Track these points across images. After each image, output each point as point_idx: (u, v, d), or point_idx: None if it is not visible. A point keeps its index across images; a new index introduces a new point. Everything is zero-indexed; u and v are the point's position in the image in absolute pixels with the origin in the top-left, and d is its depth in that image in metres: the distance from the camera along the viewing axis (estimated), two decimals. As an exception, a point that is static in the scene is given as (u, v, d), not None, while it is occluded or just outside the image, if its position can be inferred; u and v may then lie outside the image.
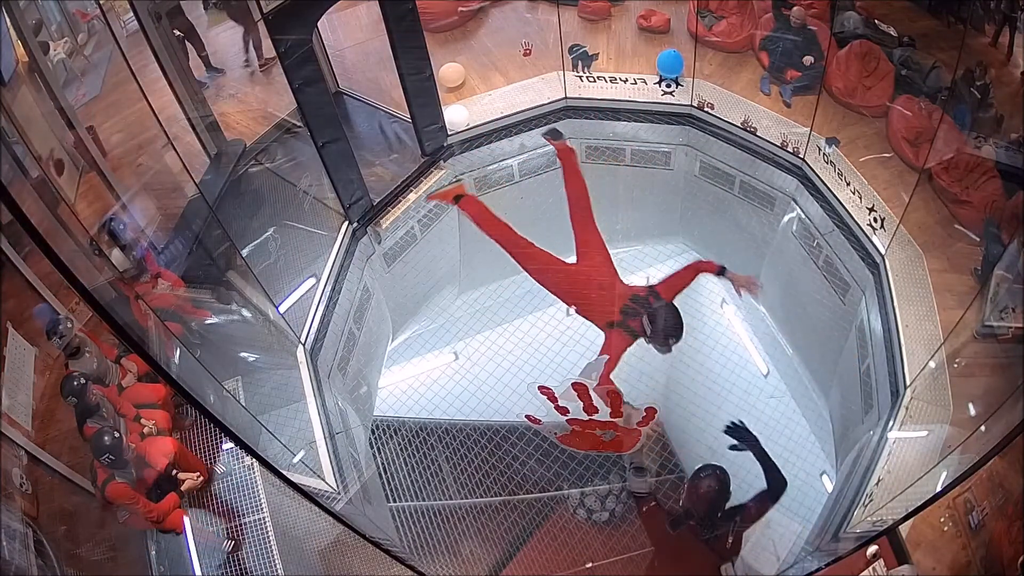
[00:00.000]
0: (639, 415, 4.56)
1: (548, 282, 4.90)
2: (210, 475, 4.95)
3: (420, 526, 5.86)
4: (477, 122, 6.96)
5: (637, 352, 7.12)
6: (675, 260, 7.69)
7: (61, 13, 5.78)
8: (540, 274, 4.88)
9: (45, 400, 4.94)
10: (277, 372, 5.56)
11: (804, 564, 4.90)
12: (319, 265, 6.03)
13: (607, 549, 5.96)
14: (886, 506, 4.48)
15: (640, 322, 4.44)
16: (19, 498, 4.24)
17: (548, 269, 4.77)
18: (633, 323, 4.45)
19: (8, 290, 4.93)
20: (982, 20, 5.82)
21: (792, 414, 6.84)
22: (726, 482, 4.18)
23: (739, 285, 4.82)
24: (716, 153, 6.88)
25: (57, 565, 4.18)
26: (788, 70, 6.75)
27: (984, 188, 5.57)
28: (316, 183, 6.27)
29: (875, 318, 5.65)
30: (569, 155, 5.65)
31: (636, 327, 4.46)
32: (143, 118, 5.10)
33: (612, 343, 4.46)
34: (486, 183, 7.13)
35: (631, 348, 4.51)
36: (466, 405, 6.76)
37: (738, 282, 4.80)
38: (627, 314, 4.47)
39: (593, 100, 7.10)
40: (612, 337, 4.47)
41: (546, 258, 4.77)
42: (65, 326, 4.82)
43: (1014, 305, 4.79)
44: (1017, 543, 3.89)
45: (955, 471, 3.88)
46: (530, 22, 7.77)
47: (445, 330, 7.42)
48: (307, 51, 5.38)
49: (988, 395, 4.39)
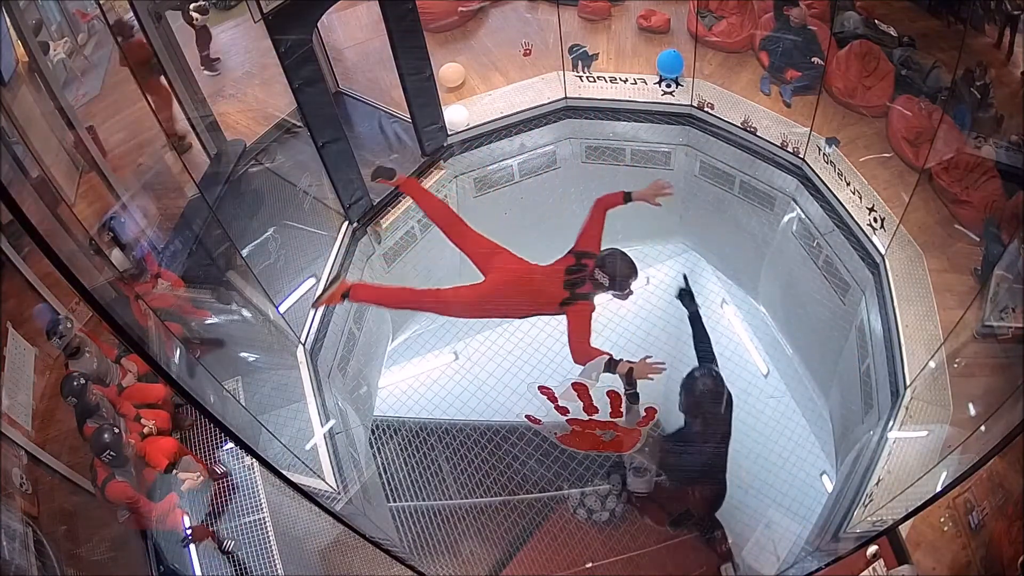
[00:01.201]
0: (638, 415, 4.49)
1: (480, 312, 4.73)
2: (226, 474, 4.94)
3: (420, 526, 5.86)
4: (477, 122, 6.96)
5: (637, 353, 7.14)
6: (675, 260, 7.70)
7: (61, 13, 5.77)
8: (467, 310, 4.71)
9: (45, 400, 4.93)
10: (277, 372, 5.56)
11: (804, 564, 4.91)
12: (319, 265, 6.03)
13: (607, 549, 5.96)
14: (886, 506, 4.48)
15: (590, 284, 4.30)
16: (19, 498, 4.24)
17: (469, 303, 4.55)
18: (583, 289, 4.31)
19: (8, 290, 4.93)
20: (982, 20, 5.82)
21: (792, 414, 6.84)
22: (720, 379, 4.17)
23: (651, 199, 4.63)
24: (716, 153, 6.88)
25: (57, 565, 4.18)
26: (788, 70, 6.75)
27: (984, 188, 5.57)
28: (316, 183, 6.27)
29: (875, 318, 5.65)
30: (410, 185, 5.53)
31: (589, 289, 4.31)
32: (143, 118, 5.10)
33: (573, 318, 4.28)
34: (486, 183, 7.13)
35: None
36: (466, 405, 6.76)
37: (648, 198, 4.62)
38: (573, 285, 4.32)
39: (593, 100, 7.10)
40: (571, 313, 4.29)
41: (459, 293, 4.54)
42: (65, 326, 4.82)
43: (1014, 305, 4.79)
44: (1017, 543, 3.89)
45: (955, 471, 3.88)
46: (530, 22, 7.76)
47: (445, 330, 7.41)
48: (307, 51, 5.38)
49: (988, 395, 4.39)
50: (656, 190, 4.61)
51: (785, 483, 6.38)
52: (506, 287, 4.45)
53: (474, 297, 4.49)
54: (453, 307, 4.64)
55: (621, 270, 4.26)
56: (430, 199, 5.27)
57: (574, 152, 7.30)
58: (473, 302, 4.52)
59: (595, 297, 4.33)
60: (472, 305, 4.56)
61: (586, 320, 4.29)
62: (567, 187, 7.32)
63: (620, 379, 4.21)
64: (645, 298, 7.65)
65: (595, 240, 4.48)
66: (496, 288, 4.45)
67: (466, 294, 4.51)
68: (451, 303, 4.57)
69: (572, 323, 4.26)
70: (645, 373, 4.14)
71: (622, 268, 4.27)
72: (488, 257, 4.55)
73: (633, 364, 4.11)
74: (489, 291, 4.46)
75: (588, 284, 4.29)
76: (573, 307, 4.29)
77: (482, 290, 4.47)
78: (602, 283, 4.26)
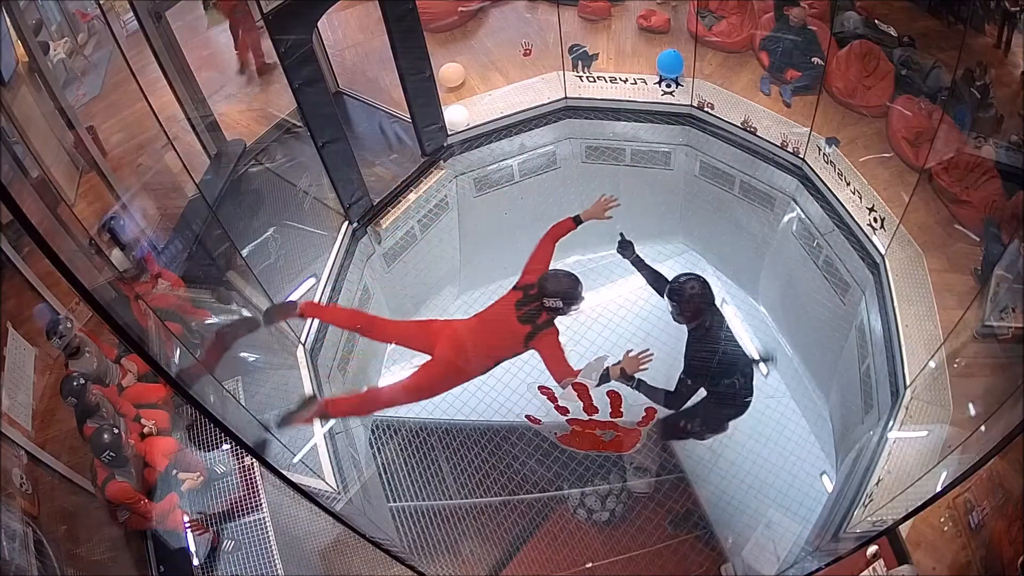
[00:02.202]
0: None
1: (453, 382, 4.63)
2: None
3: (420, 526, 5.86)
4: (477, 122, 6.96)
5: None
6: (675, 260, 7.70)
7: (61, 13, 5.78)
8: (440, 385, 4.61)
9: (45, 400, 4.94)
10: (277, 372, 5.56)
11: (804, 564, 4.91)
12: (319, 265, 6.03)
13: (607, 549, 5.96)
14: (886, 506, 4.48)
15: (544, 312, 4.29)
16: (19, 498, 4.24)
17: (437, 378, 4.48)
18: (541, 318, 4.30)
19: (8, 290, 4.93)
20: (982, 20, 5.82)
21: (792, 414, 6.83)
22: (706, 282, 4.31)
23: (600, 215, 4.63)
24: (716, 153, 6.88)
25: (57, 565, 4.18)
26: (788, 70, 6.75)
27: (984, 188, 5.57)
28: (316, 183, 6.27)
29: (875, 318, 5.65)
30: (310, 308, 5.32)
31: (546, 317, 4.31)
32: (143, 118, 5.10)
33: (544, 348, 4.28)
34: (486, 183, 7.13)
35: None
36: (466, 405, 6.75)
37: (597, 215, 4.62)
38: (531, 317, 4.30)
39: (593, 100, 7.10)
40: (540, 345, 4.29)
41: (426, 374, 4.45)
42: (65, 326, 4.82)
43: (1014, 305, 4.79)
44: (1017, 543, 3.89)
45: (955, 471, 3.88)
46: (530, 22, 7.76)
47: (444, 330, 7.41)
48: (307, 51, 5.38)
49: (988, 395, 4.39)
50: (602, 206, 4.64)
51: (785, 483, 6.38)
52: (462, 348, 4.41)
53: (438, 372, 4.43)
54: (428, 389, 4.61)
55: (566, 288, 4.27)
56: (335, 312, 5.27)
57: (574, 152, 7.30)
58: (439, 377, 4.47)
59: (555, 320, 4.34)
60: (441, 379, 4.52)
61: (556, 345, 4.29)
62: (567, 187, 7.32)
63: (621, 382, 4.22)
64: (645, 298, 7.65)
65: (539, 272, 4.45)
66: (451, 357, 4.39)
67: (431, 372, 4.45)
68: (423, 387, 4.54)
69: (545, 353, 4.27)
70: (635, 367, 4.16)
71: (566, 285, 4.28)
72: (424, 335, 4.57)
73: (620, 364, 4.15)
74: (446, 362, 4.39)
75: (544, 313, 4.30)
76: (539, 338, 4.29)
77: (442, 363, 4.40)
78: (556, 307, 4.27)
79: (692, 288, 4.33)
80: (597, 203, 4.67)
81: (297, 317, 5.00)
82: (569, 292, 4.27)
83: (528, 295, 4.37)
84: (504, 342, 4.39)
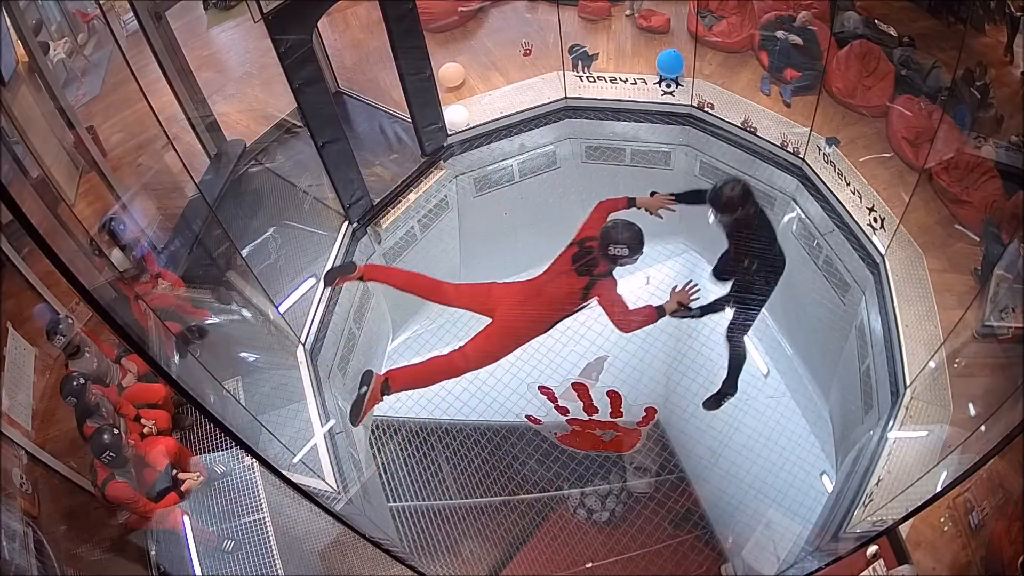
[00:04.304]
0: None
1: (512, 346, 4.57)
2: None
3: (420, 526, 5.86)
4: (477, 122, 6.96)
5: (637, 353, 7.16)
6: (675, 260, 7.70)
7: (61, 13, 5.78)
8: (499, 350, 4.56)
9: (45, 400, 4.94)
10: (277, 372, 5.56)
11: (804, 564, 4.91)
12: (319, 265, 6.03)
13: (607, 549, 5.97)
14: (886, 506, 4.48)
15: (604, 262, 4.29)
16: (19, 498, 4.24)
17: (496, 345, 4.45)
18: (599, 269, 4.29)
19: (8, 290, 4.93)
20: (982, 20, 5.83)
21: (792, 414, 6.84)
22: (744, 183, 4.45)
23: (654, 209, 4.68)
24: (716, 153, 6.88)
25: (57, 565, 4.18)
26: (788, 70, 6.75)
27: (984, 188, 5.57)
28: (316, 183, 6.27)
29: (875, 318, 5.64)
30: (373, 270, 5.34)
31: (606, 267, 4.30)
32: (143, 118, 5.10)
33: (603, 297, 4.27)
34: (486, 183, 7.13)
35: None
36: (466, 405, 6.76)
37: (652, 207, 4.67)
38: (587, 268, 4.31)
39: (593, 100, 7.10)
40: (598, 294, 4.28)
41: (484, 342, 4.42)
42: (65, 326, 4.82)
43: (1014, 305, 4.79)
44: (1017, 543, 3.89)
45: (955, 471, 3.88)
46: (530, 22, 7.76)
47: (445, 330, 7.40)
48: (307, 51, 5.38)
49: (988, 395, 4.39)
50: (661, 202, 4.66)
51: (785, 483, 6.38)
52: (522, 310, 4.40)
53: (499, 335, 4.42)
54: (490, 354, 4.53)
55: (633, 235, 4.26)
56: (398, 274, 5.18)
57: (574, 152, 7.31)
58: (500, 340, 4.45)
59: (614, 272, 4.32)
60: (502, 342, 4.48)
61: (615, 293, 4.27)
62: (567, 187, 7.32)
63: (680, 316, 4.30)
64: (645, 299, 7.64)
65: (594, 230, 4.44)
66: (512, 317, 4.39)
67: (493, 336, 4.42)
68: (486, 351, 4.47)
69: (604, 301, 4.25)
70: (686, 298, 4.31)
71: (633, 232, 4.27)
72: (484, 298, 4.53)
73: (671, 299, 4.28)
74: (508, 323, 4.40)
75: (602, 263, 4.27)
76: (596, 288, 4.28)
77: (503, 326, 4.40)
78: (621, 255, 4.24)
79: (732, 190, 4.44)
80: (659, 197, 4.69)
81: (356, 279, 4.85)
82: (635, 239, 4.26)
83: (584, 248, 4.36)
84: (562, 297, 4.36)
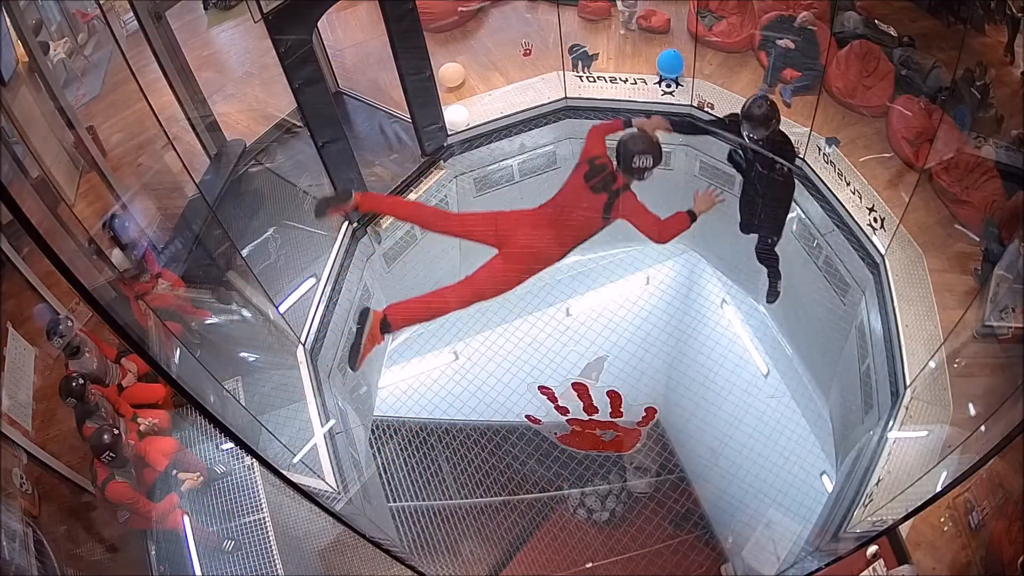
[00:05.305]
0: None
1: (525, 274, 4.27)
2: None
3: (420, 526, 5.86)
4: (477, 122, 6.96)
5: (637, 353, 7.16)
6: (675, 260, 7.70)
7: (61, 13, 5.78)
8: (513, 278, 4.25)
9: (45, 400, 4.94)
10: (277, 372, 5.56)
11: (804, 564, 4.91)
12: (319, 265, 6.03)
13: (607, 549, 5.97)
14: (886, 506, 4.48)
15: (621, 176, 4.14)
16: (19, 498, 4.24)
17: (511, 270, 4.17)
18: (617, 183, 4.14)
19: (8, 290, 4.93)
20: (982, 20, 5.83)
21: (792, 414, 6.84)
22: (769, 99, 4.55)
23: (650, 131, 4.39)
24: (716, 153, 6.87)
25: (57, 565, 4.18)
26: (788, 70, 6.75)
27: (984, 188, 5.57)
28: (316, 183, 6.27)
29: (875, 318, 5.64)
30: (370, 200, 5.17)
31: (622, 181, 4.14)
32: (143, 118, 5.10)
33: (628, 209, 4.10)
34: (486, 183, 7.13)
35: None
36: (466, 405, 6.76)
37: (647, 127, 4.40)
38: (605, 184, 4.13)
39: (593, 100, 7.09)
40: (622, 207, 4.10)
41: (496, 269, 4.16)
42: (65, 326, 4.82)
43: (1014, 305, 4.79)
44: (1017, 543, 3.90)
45: (955, 471, 3.88)
46: (530, 22, 7.76)
47: (445, 330, 7.42)
48: (307, 51, 5.38)
49: (988, 395, 4.39)
50: (658, 123, 4.45)
51: (785, 483, 6.39)
52: (535, 236, 4.13)
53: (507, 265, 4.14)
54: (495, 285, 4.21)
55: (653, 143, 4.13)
56: (399, 204, 4.98)
57: (574, 152, 7.29)
58: (508, 270, 4.17)
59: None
60: (511, 272, 4.18)
61: (641, 204, 4.14)
62: (567, 187, 7.31)
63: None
64: (645, 299, 7.66)
65: (598, 150, 4.28)
66: (524, 244, 4.12)
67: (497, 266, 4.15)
68: (492, 281, 4.18)
69: (632, 214, 4.11)
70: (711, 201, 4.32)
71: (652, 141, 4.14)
72: (491, 225, 4.23)
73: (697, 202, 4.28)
74: (519, 252, 4.13)
75: (620, 177, 4.13)
76: (619, 202, 4.11)
77: (513, 254, 4.13)
78: (645, 166, 4.09)
79: (760, 107, 4.53)
80: (655, 118, 4.51)
81: (352, 209, 4.56)
82: (656, 147, 4.13)
83: (595, 165, 4.18)
84: (581, 219, 4.17)
